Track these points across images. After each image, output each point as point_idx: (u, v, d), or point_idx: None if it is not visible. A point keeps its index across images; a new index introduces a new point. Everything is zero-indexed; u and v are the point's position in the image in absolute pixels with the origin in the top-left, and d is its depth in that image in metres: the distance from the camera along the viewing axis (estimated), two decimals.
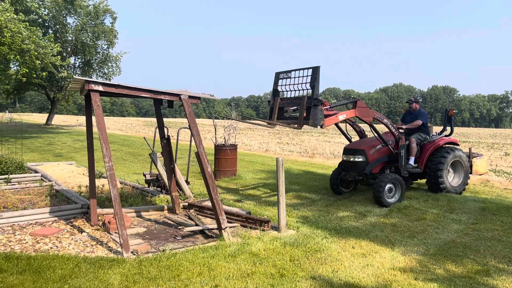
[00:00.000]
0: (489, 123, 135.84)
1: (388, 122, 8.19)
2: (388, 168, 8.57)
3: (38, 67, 19.45)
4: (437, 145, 9.09)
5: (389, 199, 7.97)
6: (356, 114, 7.65)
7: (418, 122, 9.10)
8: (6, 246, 5.28)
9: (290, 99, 7.37)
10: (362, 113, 7.68)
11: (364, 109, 7.73)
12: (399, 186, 8.08)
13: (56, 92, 33.72)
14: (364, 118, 7.73)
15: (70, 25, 31.94)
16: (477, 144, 31.14)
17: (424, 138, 9.12)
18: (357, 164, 8.35)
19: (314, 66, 6.68)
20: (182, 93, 5.80)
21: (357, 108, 7.61)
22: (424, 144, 9.12)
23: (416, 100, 9.58)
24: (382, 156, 8.45)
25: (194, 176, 11.04)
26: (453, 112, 9.67)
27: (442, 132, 9.77)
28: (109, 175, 5.11)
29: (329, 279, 4.49)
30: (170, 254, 4.96)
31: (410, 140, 8.75)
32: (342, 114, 7.47)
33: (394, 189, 8.09)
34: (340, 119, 7.45)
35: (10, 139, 19.60)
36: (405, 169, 8.43)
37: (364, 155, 8.26)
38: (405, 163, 8.45)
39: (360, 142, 8.94)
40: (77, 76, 12.75)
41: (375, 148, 8.37)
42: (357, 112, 7.61)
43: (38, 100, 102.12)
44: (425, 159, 8.97)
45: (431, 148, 9.02)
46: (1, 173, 9.47)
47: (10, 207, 6.94)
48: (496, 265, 5.03)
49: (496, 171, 13.69)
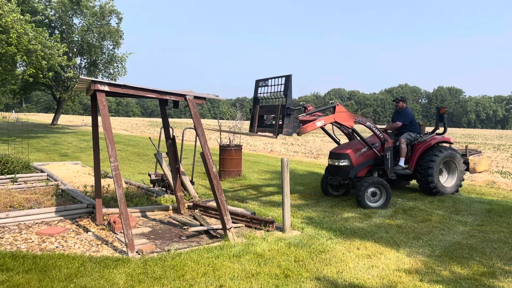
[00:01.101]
0: (495, 124, 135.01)
1: (371, 125, 8.02)
2: (376, 170, 8.34)
3: (45, 67, 19.57)
4: (428, 144, 8.81)
5: (373, 203, 7.77)
6: (336, 120, 7.48)
7: (397, 124, 8.91)
8: (13, 245, 5.32)
9: (268, 107, 7.27)
10: (341, 118, 7.53)
11: (344, 114, 7.55)
12: (383, 189, 7.85)
13: (62, 92, 33.91)
14: (344, 123, 7.58)
15: (76, 26, 32.11)
16: (483, 145, 30.96)
17: (414, 138, 8.87)
18: (342, 168, 8.18)
19: (286, 75, 6.53)
20: (187, 93, 5.82)
21: (336, 114, 7.45)
22: (414, 144, 8.87)
23: (403, 98, 9.34)
24: (368, 159, 8.23)
25: (199, 176, 11.06)
26: (444, 110, 9.42)
27: (434, 131, 9.50)
28: (114, 175, 5.14)
29: (334, 280, 4.48)
30: (175, 254, 4.97)
31: (400, 140, 8.55)
32: (320, 121, 7.30)
33: (378, 193, 7.87)
34: (318, 125, 7.27)
35: (16, 139, 19.74)
36: (391, 171, 8.18)
37: (348, 159, 8.09)
38: (392, 165, 8.18)
39: (345, 145, 8.71)
40: (83, 76, 12.80)
41: (360, 151, 8.18)
42: (336, 117, 7.46)
43: (44, 100, 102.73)
44: (415, 159, 8.73)
45: (422, 148, 8.76)
46: (7, 172, 9.54)
47: (17, 206, 6.99)
48: (502, 267, 5.00)
49: (503, 173, 13.60)
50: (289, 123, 6.69)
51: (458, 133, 61.93)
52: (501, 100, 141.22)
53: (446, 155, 8.79)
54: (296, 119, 6.81)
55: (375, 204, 7.78)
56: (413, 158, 8.73)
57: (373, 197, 7.83)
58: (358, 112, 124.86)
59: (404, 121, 8.87)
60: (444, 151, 8.79)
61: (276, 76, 6.80)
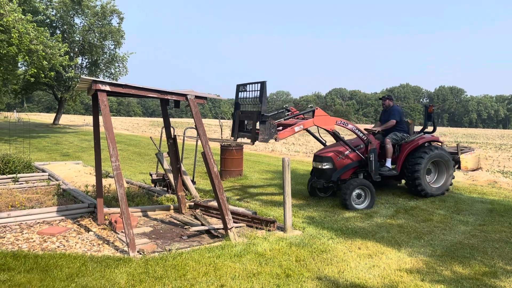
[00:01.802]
0: (497, 124, 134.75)
1: (353, 127, 7.88)
2: (361, 172, 8.20)
3: (46, 67, 19.58)
4: (415, 144, 8.57)
5: (358, 205, 7.69)
6: (315, 124, 7.38)
7: (391, 122, 8.71)
8: (14, 244, 5.33)
9: (247, 112, 7.18)
10: (321, 122, 7.42)
11: (324, 118, 7.44)
12: (368, 191, 7.77)
13: (63, 92, 33.95)
14: (325, 126, 7.48)
15: (78, 26, 32.16)
16: (485, 145, 30.91)
17: (401, 138, 8.66)
18: (325, 172, 8.06)
19: (261, 81, 6.44)
20: (188, 93, 5.82)
21: (316, 118, 7.34)
22: (401, 144, 8.67)
23: (389, 97, 9.15)
24: (351, 162, 8.10)
25: (200, 176, 11.07)
26: (432, 109, 9.17)
27: (423, 130, 9.22)
28: (116, 174, 5.14)
29: (335, 279, 4.48)
30: (176, 254, 4.98)
31: (385, 141, 8.39)
32: (299, 125, 7.17)
33: (363, 194, 7.78)
34: (297, 130, 7.14)
35: (18, 139, 19.77)
36: (376, 173, 8.01)
37: (331, 162, 7.97)
38: (376, 167, 8.00)
39: (328, 148, 8.54)
40: (84, 76, 12.82)
41: (343, 154, 8.05)
42: (315, 121, 7.35)
43: (45, 100, 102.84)
44: (402, 160, 8.52)
45: (409, 148, 8.54)
46: (9, 172, 9.55)
47: (18, 206, 7.00)
48: (504, 267, 4.99)
49: (504, 173, 13.58)
50: (265, 130, 6.59)
51: (459, 133, 61.85)
52: (503, 100, 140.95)
53: (434, 155, 8.54)
54: (273, 125, 6.70)
55: (360, 206, 7.69)
56: (399, 159, 8.53)
57: (358, 199, 7.73)
58: (360, 112, 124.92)
59: (397, 118, 8.67)
60: (432, 151, 8.54)
61: (254, 82, 6.70)
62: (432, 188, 8.64)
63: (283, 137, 6.99)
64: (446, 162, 8.77)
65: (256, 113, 6.64)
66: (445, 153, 8.75)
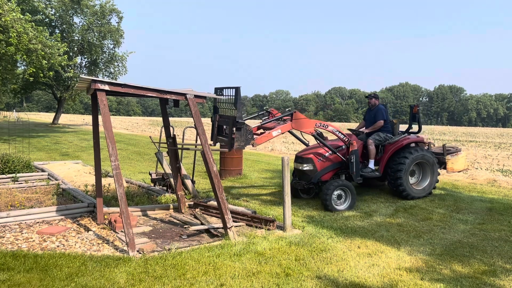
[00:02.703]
0: (496, 122, 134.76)
1: (333, 129, 7.77)
2: (343, 174, 8.08)
3: (45, 66, 19.55)
4: (399, 145, 8.34)
5: (339, 206, 7.59)
6: (293, 127, 7.30)
7: (380, 123, 8.47)
8: (14, 244, 5.33)
9: (225, 117, 7.01)
10: (300, 126, 7.32)
11: (302, 121, 7.34)
12: (349, 192, 7.68)
13: (62, 92, 33.92)
14: (304, 130, 7.40)
15: (77, 25, 32.11)
16: (484, 143, 30.92)
17: (384, 138, 8.42)
18: (305, 173, 7.95)
19: (235, 87, 6.30)
20: (188, 92, 5.82)
21: (294, 121, 7.25)
22: (385, 145, 8.43)
23: (375, 95, 8.90)
24: (332, 163, 7.98)
25: (200, 175, 11.07)
26: (417, 109, 8.98)
27: (407, 130, 9.03)
28: (115, 174, 5.14)
29: (335, 278, 4.48)
30: (175, 253, 4.98)
31: (368, 142, 8.24)
32: (277, 130, 7.08)
33: (343, 195, 7.68)
34: (274, 135, 7.07)
35: (17, 138, 19.75)
36: (357, 175, 7.87)
37: (312, 163, 7.87)
38: (357, 169, 7.82)
39: (309, 149, 8.40)
40: (84, 75, 12.80)
41: (324, 155, 7.94)
42: (294, 125, 7.26)
43: (45, 100, 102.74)
44: (385, 161, 8.30)
45: (392, 149, 8.31)
46: (8, 172, 9.54)
47: (18, 205, 7.00)
48: (503, 265, 5.00)
49: (504, 171, 13.59)
50: (240, 137, 6.48)
51: (459, 132, 61.86)
52: (502, 99, 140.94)
53: (418, 157, 8.31)
54: (249, 131, 6.61)
55: (341, 207, 7.60)
56: (383, 160, 8.32)
57: (338, 200, 7.63)
58: (359, 111, 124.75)
59: (383, 118, 8.49)
60: (416, 152, 8.31)
61: (229, 86, 6.55)
62: (415, 190, 8.42)
63: (260, 142, 6.89)
64: (431, 164, 8.53)
65: (232, 118, 6.50)
66: (429, 155, 8.53)
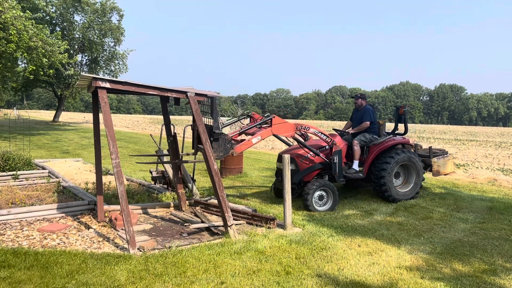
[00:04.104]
0: (496, 122, 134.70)
1: (315, 130, 7.69)
2: (326, 174, 7.95)
3: (46, 64, 19.55)
4: (383, 147, 8.16)
5: (320, 207, 7.50)
6: (273, 133, 7.20)
7: (365, 125, 8.30)
8: (14, 241, 5.33)
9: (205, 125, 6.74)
10: (280, 130, 7.21)
11: (282, 125, 7.22)
12: (330, 192, 7.56)
13: (63, 89, 33.94)
14: (285, 134, 7.33)
15: (78, 23, 32.15)
16: (485, 143, 30.92)
17: (369, 140, 8.24)
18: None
19: (211, 96, 6.17)
20: (188, 90, 5.81)
21: (274, 126, 7.16)
22: (369, 146, 8.26)
23: (362, 95, 8.70)
24: (314, 164, 7.82)
25: (200, 174, 11.07)
26: (403, 110, 8.85)
27: (393, 132, 8.89)
28: (116, 172, 5.14)
29: (335, 277, 4.48)
30: (176, 251, 4.98)
31: (353, 142, 8.12)
32: (257, 137, 6.99)
33: (325, 196, 7.59)
34: (254, 142, 6.98)
35: (18, 136, 19.76)
36: (340, 176, 7.78)
37: (294, 163, 7.71)
38: (340, 170, 7.71)
39: (292, 149, 8.23)
40: (84, 73, 12.79)
41: (306, 156, 7.80)
42: (274, 130, 7.14)
43: (45, 97, 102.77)
44: (369, 162, 8.13)
45: (377, 150, 8.13)
46: (9, 169, 9.55)
47: (18, 203, 7.00)
48: (503, 264, 5.00)
49: (504, 170, 13.59)
50: (218, 147, 6.37)
51: (459, 131, 61.82)
52: (503, 98, 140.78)
53: (402, 159, 8.11)
54: (227, 141, 6.52)
55: (322, 208, 7.51)
56: (367, 161, 8.17)
57: (320, 201, 7.55)
58: None
59: (370, 119, 8.35)
60: (401, 154, 8.12)
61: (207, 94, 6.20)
62: (399, 192, 8.22)
63: (240, 151, 6.82)
64: (416, 166, 8.33)
65: (209, 128, 6.31)
66: (414, 157, 8.32)
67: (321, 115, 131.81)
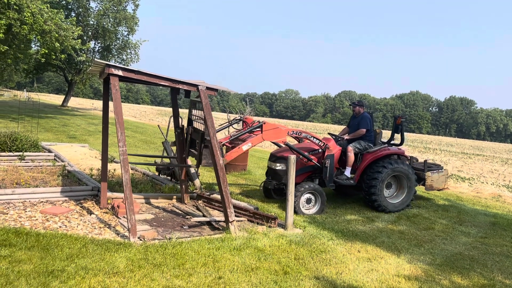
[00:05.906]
0: (504, 138, 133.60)
1: (307, 135, 7.63)
2: (316, 178, 7.84)
3: (58, 49, 19.62)
4: (377, 155, 7.99)
5: (307, 210, 7.35)
6: (264, 139, 7.15)
7: (361, 132, 8.19)
8: (17, 221, 5.37)
9: (198, 130, 6.64)
10: (271, 136, 7.16)
11: (273, 131, 7.15)
12: (318, 196, 7.43)
13: (74, 75, 34.05)
14: (276, 140, 7.28)
15: (93, 9, 32.19)
16: (492, 158, 30.72)
17: (364, 147, 8.13)
18: (277, 173, 7.66)
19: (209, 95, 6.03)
20: (200, 83, 5.82)
21: (264, 133, 7.08)
22: (363, 154, 8.12)
23: (360, 103, 8.56)
24: (305, 166, 7.74)
25: (204, 168, 11.07)
26: (401, 121, 8.69)
27: (389, 141, 8.69)
28: (122, 159, 5.16)
29: (333, 280, 4.48)
30: (176, 243, 5.00)
31: (348, 149, 8.01)
32: (247, 144, 6.88)
33: (313, 199, 7.49)
34: (245, 149, 6.92)
35: (26, 118, 19.88)
36: (330, 181, 7.66)
37: (284, 163, 7.55)
38: (331, 174, 7.62)
39: (285, 149, 8.04)
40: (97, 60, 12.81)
41: (298, 157, 7.65)
42: (264, 136, 7.09)
43: (55, 82, 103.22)
44: (361, 170, 7.97)
45: (370, 158, 7.98)
46: (16, 149, 9.61)
47: (23, 183, 7.05)
48: (503, 280, 4.97)
49: (509, 187, 13.50)
50: (208, 154, 6.28)
51: (466, 144, 61.44)
52: None
53: (395, 169, 7.91)
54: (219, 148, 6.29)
55: (309, 211, 7.40)
56: (359, 168, 8.01)
57: (308, 204, 7.45)
58: None
59: (366, 127, 8.25)
60: (394, 164, 7.93)
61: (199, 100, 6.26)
62: (389, 203, 8.02)
63: (230, 158, 6.78)
64: (408, 179, 8.10)
65: (201, 134, 6.27)
66: (407, 168, 8.10)
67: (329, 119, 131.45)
